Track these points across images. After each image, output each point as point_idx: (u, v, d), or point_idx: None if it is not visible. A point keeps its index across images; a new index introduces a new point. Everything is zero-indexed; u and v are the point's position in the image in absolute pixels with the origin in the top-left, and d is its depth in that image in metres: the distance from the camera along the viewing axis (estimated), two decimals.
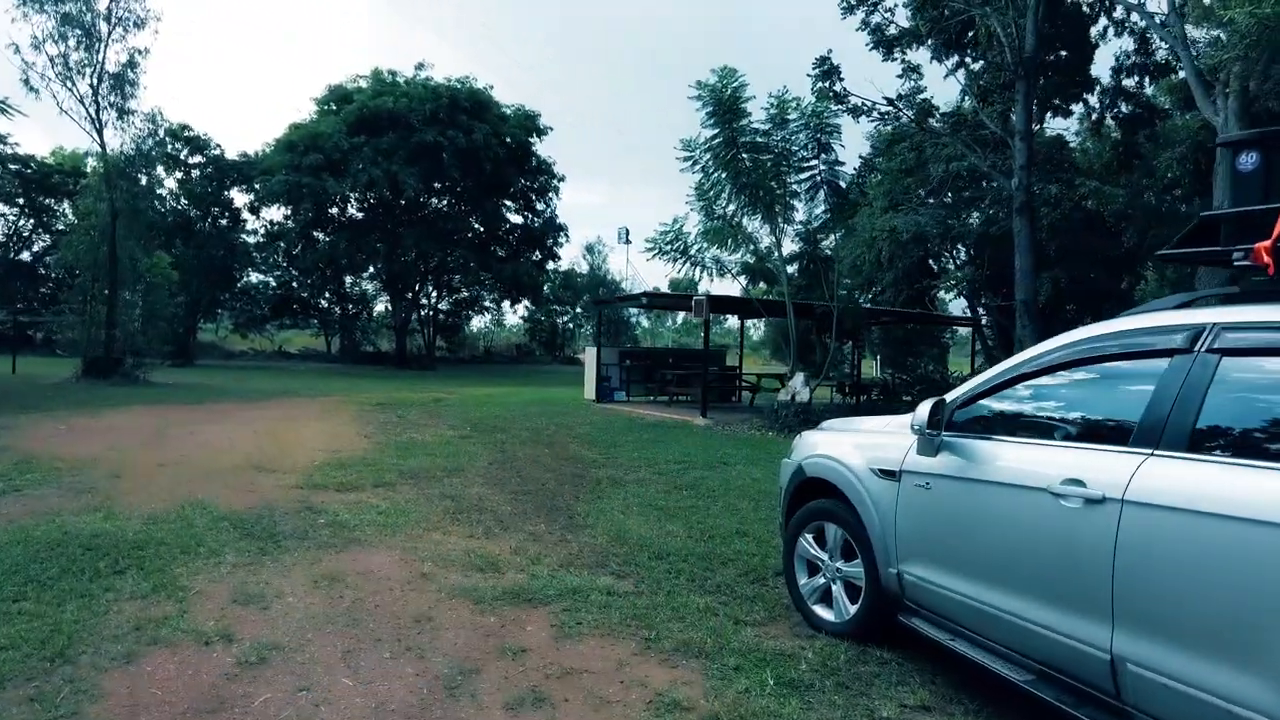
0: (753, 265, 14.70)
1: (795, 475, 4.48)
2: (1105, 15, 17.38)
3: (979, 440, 3.36)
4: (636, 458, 9.92)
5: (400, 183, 30.75)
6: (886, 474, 3.77)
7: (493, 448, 10.44)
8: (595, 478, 8.45)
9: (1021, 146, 15.04)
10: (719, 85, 12.79)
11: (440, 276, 39.76)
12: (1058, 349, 3.18)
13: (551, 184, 38.24)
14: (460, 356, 45.76)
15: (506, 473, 8.58)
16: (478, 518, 6.35)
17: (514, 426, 12.91)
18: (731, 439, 11.96)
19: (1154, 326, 2.87)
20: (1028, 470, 3.04)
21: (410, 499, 6.96)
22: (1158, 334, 2.82)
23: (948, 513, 3.43)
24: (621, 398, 18.45)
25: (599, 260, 52.30)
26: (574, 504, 7.05)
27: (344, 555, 5.15)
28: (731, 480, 8.49)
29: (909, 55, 18.24)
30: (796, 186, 13.92)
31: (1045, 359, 3.21)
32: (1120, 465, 2.65)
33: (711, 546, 5.70)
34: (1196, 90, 14.09)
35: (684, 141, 13.39)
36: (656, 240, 13.95)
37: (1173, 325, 2.78)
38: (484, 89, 34.12)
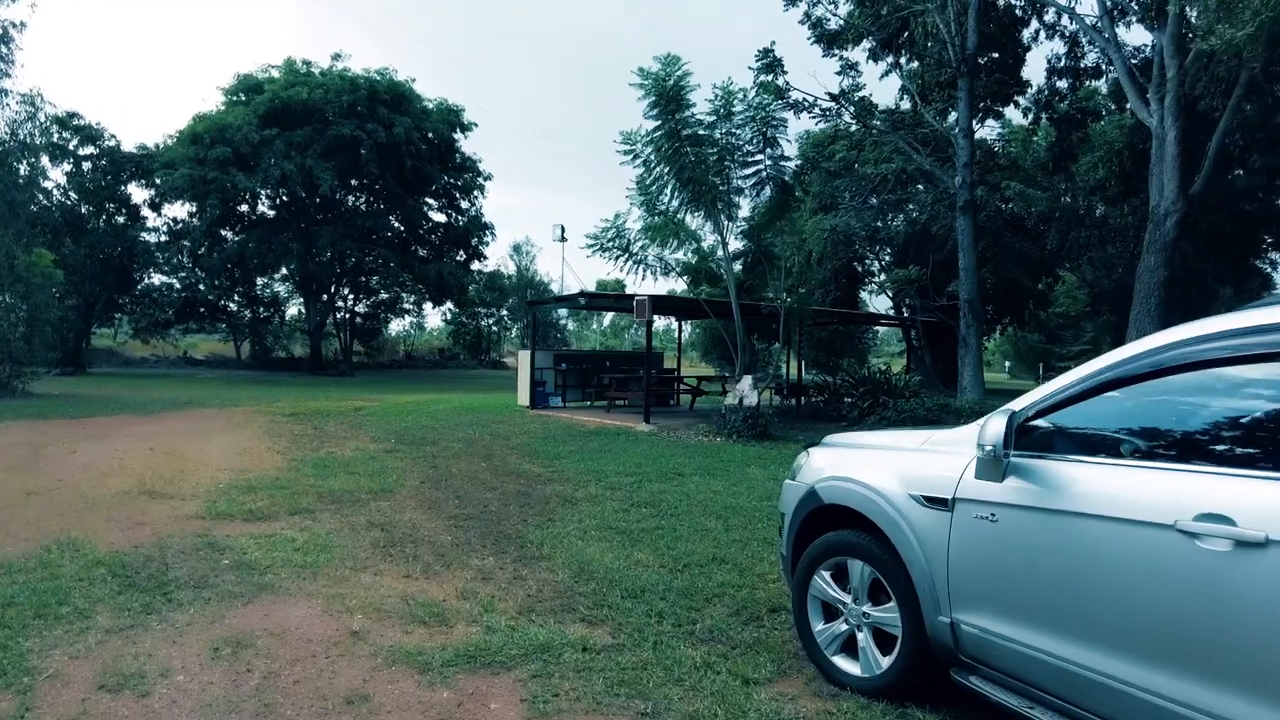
0: (694, 265, 14.07)
1: (806, 501, 3.78)
2: (1037, 18, 17.51)
3: (1063, 462, 2.72)
4: (584, 470, 9.12)
5: (315, 178, 29.02)
6: (934, 502, 3.11)
7: (423, 463, 9.46)
8: (542, 495, 7.62)
9: (964, 144, 14.90)
10: (662, 74, 12.11)
11: (358, 277, 37.95)
12: (1166, 348, 2.55)
13: (477, 182, 36.91)
14: (379, 361, 43.88)
15: (442, 493, 7.66)
16: (414, 551, 5.45)
17: (444, 438, 11.92)
18: (680, 447, 11.27)
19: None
20: (1142, 502, 2.41)
21: (333, 529, 5.99)
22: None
23: (1025, 552, 2.78)
24: (557, 403, 17.58)
25: (527, 261, 51.09)
26: (523, 529, 6.21)
27: (253, 609, 4.20)
28: (692, 495, 7.78)
29: (847, 53, 17.99)
30: (741, 182, 13.36)
31: (1148, 361, 2.58)
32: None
33: (690, 579, 4.97)
34: (1129, 91, 14.20)
35: (624, 134, 12.67)
36: (598, 237, 13.17)
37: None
38: (405, 82, 32.62)
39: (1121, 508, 2.46)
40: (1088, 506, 2.56)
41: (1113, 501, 2.49)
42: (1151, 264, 12.97)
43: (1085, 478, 2.62)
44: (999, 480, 2.85)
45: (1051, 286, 33.16)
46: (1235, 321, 2.42)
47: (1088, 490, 2.58)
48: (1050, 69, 17.99)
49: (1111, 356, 2.71)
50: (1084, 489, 2.59)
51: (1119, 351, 2.71)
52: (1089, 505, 2.56)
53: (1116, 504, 2.48)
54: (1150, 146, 13.88)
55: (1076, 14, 15.75)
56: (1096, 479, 2.58)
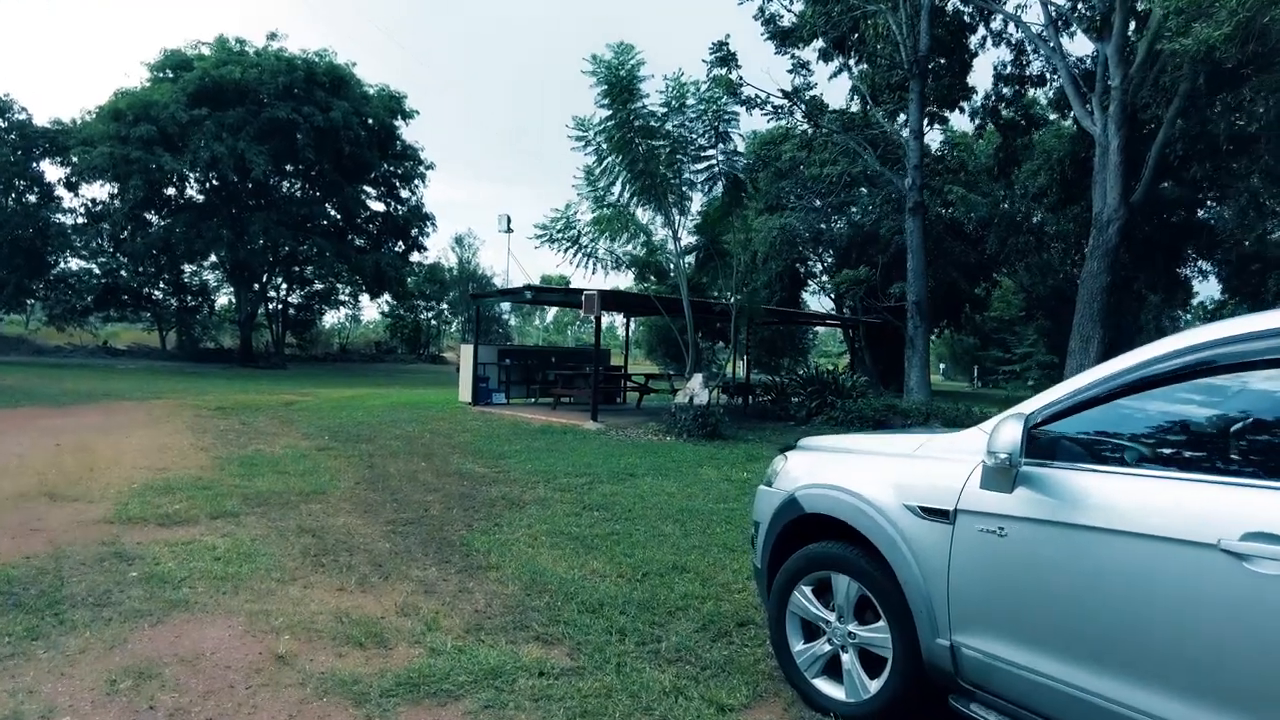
0: (645, 259, 13.75)
1: (785, 510, 3.48)
2: (984, 25, 17.71)
3: (1083, 472, 2.47)
4: (531, 470, 8.71)
5: (248, 162, 27.65)
6: (932, 514, 2.84)
7: (359, 462, 8.92)
8: (487, 498, 7.19)
9: (914, 146, 14.93)
10: (615, 62, 11.76)
11: (292, 267, 36.46)
12: (1207, 345, 2.31)
13: (418, 170, 35.81)
14: (313, 354, 42.38)
15: (379, 494, 7.16)
16: (348, 560, 4.99)
17: (382, 435, 11.35)
18: (630, 446, 10.95)
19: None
20: (1178, 518, 2.17)
21: (259, 535, 5.47)
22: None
23: (1038, 570, 2.52)
24: (501, 400, 17.06)
25: (469, 253, 50.03)
26: (468, 535, 5.79)
27: (162, 630, 3.71)
28: (645, 496, 7.45)
29: (799, 52, 17.91)
30: (693, 176, 13.09)
31: (1185, 359, 2.34)
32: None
33: (651, 590, 4.64)
34: (1074, 100, 14.42)
35: (578, 119, 12.26)
36: (547, 227, 12.73)
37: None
38: (345, 65, 31.39)
39: (1153, 524, 2.22)
40: (1112, 522, 2.31)
41: (1142, 517, 2.25)
42: (1095, 269, 13.18)
43: (1109, 490, 2.37)
44: (1008, 491, 2.60)
45: (989, 291, 33.91)
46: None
47: (1112, 504, 2.34)
48: (997, 75, 18.25)
49: (1140, 354, 2.47)
50: (1108, 502, 2.35)
51: (1149, 349, 2.46)
52: (1114, 521, 2.31)
53: (1147, 520, 2.24)
54: (1092, 155, 14.12)
55: (1023, 22, 15.96)
56: (1122, 492, 2.34)
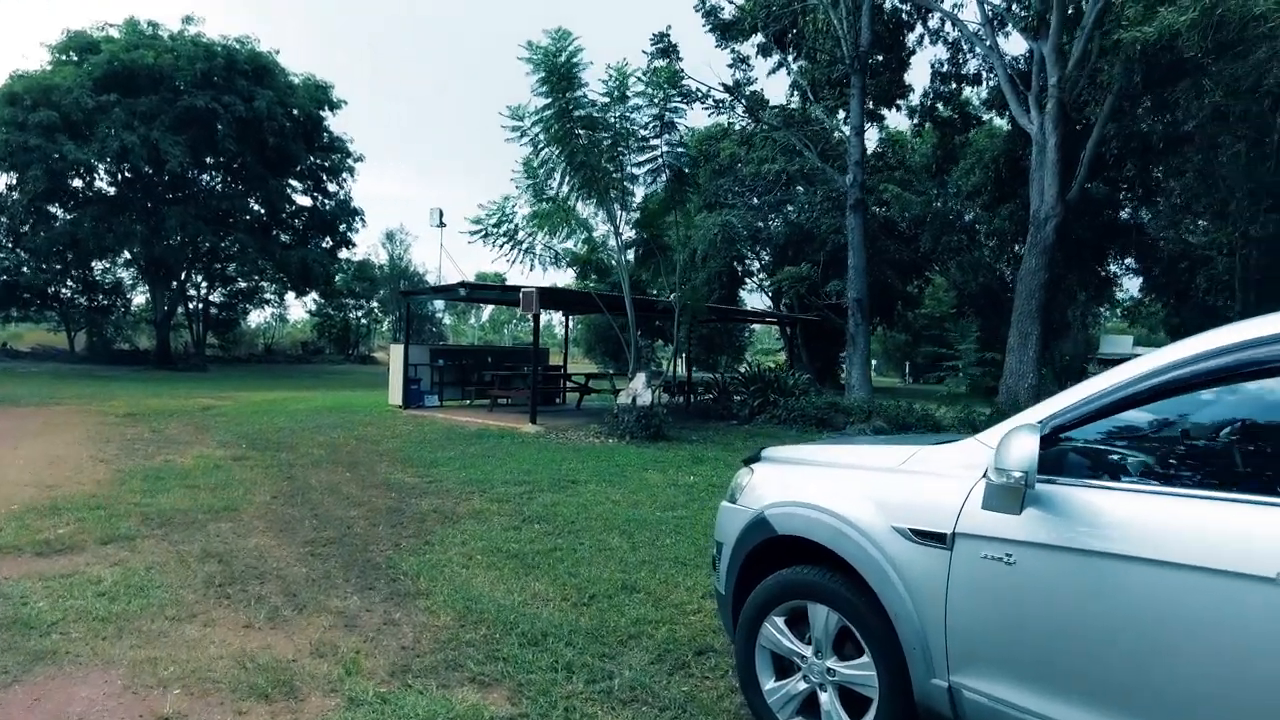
0: (585, 255, 13.30)
1: (753, 531, 3.10)
2: (922, 23, 17.81)
3: (1104, 490, 2.16)
4: (466, 480, 8.18)
5: (163, 153, 26.11)
6: (926, 537, 2.50)
7: (277, 473, 8.25)
8: (418, 512, 6.66)
9: (855, 142, 14.84)
10: (553, 49, 11.27)
11: (212, 264, 34.76)
12: (1241, 346, 2.01)
13: (345, 163, 34.51)
14: (236, 355, 40.57)
15: (297, 510, 6.56)
16: (258, 590, 4.43)
17: (304, 442, 10.64)
18: (571, 450, 10.49)
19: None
20: (1226, 545, 1.87)
21: (155, 563, 4.85)
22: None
23: (1054, 603, 2.19)
24: (433, 402, 16.38)
25: (400, 250, 48.64)
26: (396, 556, 5.27)
27: (18, 692, 3.12)
28: (589, 506, 7.02)
29: (739, 46, 17.71)
30: (636, 169, 12.70)
31: (1231, 359, 2.03)
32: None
33: (599, 615, 4.22)
34: (1010, 98, 14.54)
35: (512, 109, 11.72)
36: (482, 221, 12.15)
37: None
38: (268, 53, 29.97)
39: (1195, 552, 1.91)
40: (1144, 549, 2.00)
41: (1182, 544, 1.94)
42: (1033, 266, 13.31)
43: (1137, 512, 2.05)
44: (1016, 512, 2.26)
45: (921, 289, 34.51)
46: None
47: (1142, 528, 2.02)
48: (935, 73, 18.39)
49: (1173, 352, 2.15)
50: (1137, 526, 2.03)
51: (1183, 346, 2.15)
52: (1146, 548, 1.99)
53: (1187, 547, 1.92)
54: (1026, 154, 14.27)
55: (959, 20, 16.08)
56: (1154, 514, 2.03)
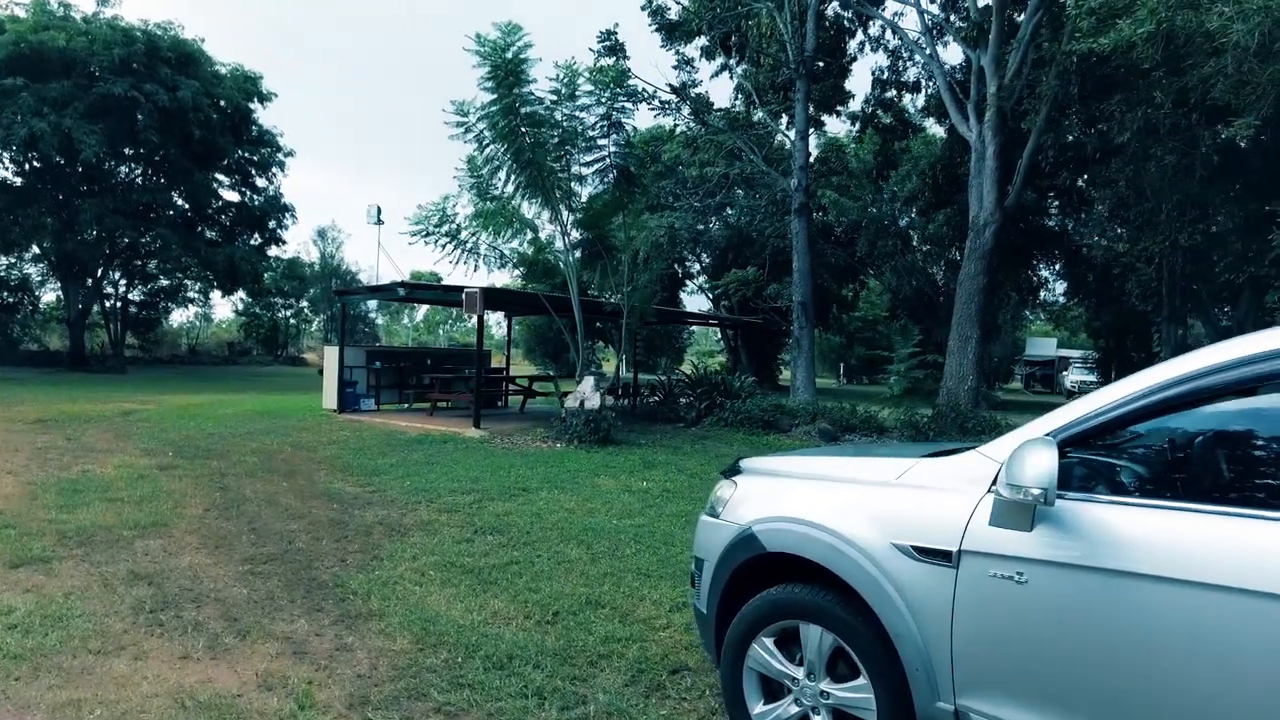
0: (531, 256, 13.02)
1: (739, 547, 2.95)
2: (863, 31, 18.08)
3: (1126, 506, 2.08)
4: (411, 488, 7.85)
5: (76, 142, 24.68)
6: (929, 554, 2.39)
7: (209, 484, 7.77)
8: (363, 524, 6.33)
9: (801, 146, 14.95)
10: (501, 43, 10.98)
11: (132, 261, 33.10)
12: (1269, 357, 1.95)
13: (275, 158, 33.28)
14: (158, 356, 38.76)
15: (234, 524, 6.16)
16: (195, 615, 4.08)
17: (236, 449, 10.10)
18: (519, 455, 10.21)
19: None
20: (1265, 564, 1.80)
21: (76, 588, 4.44)
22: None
23: (1069, 624, 2.10)
24: (370, 406, 15.84)
25: (332, 248, 47.25)
26: (343, 573, 4.96)
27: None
28: (543, 515, 6.80)
29: (684, 48, 17.68)
30: (583, 169, 12.50)
31: (1249, 370, 1.96)
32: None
33: (565, 634, 4.02)
34: (950, 106, 14.84)
35: (457, 104, 11.39)
36: (423, 220, 11.76)
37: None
38: (193, 40, 28.66)
39: (1228, 572, 1.83)
40: (1170, 568, 1.91)
41: (1213, 563, 1.86)
42: (972, 271, 13.60)
43: (1161, 529, 1.97)
44: (1027, 529, 2.17)
45: (857, 292, 35.18)
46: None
47: (1167, 546, 1.94)
48: (875, 80, 18.69)
49: (1202, 358, 2.08)
50: (1161, 543, 1.95)
51: (1215, 351, 2.07)
52: (1171, 566, 1.91)
53: (1219, 566, 1.85)
54: (964, 161, 14.59)
55: (900, 28, 16.37)
56: (1179, 531, 1.95)
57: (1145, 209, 12.35)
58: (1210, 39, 9.04)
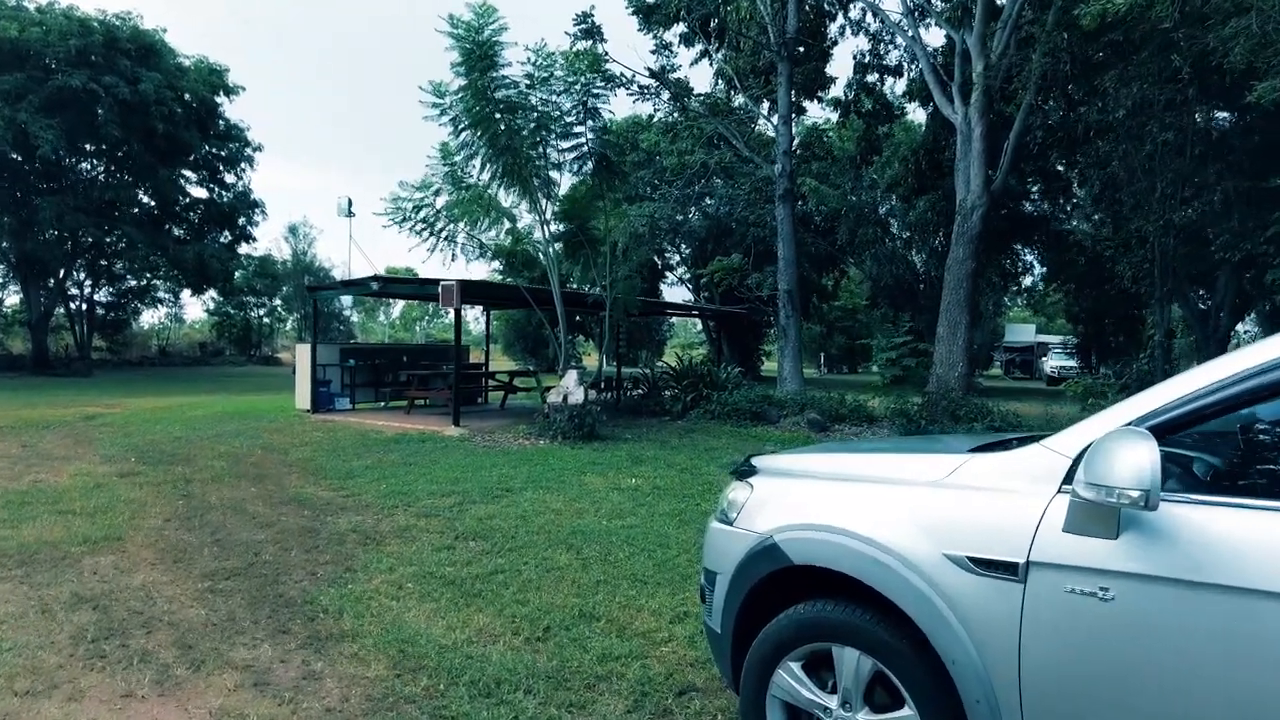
0: (509, 247, 12.59)
1: (759, 559, 2.59)
2: (843, 13, 17.75)
3: (1234, 508, 1.74)
4: (387, 492, 7.43)
5: (32, 137, 23.80)
6: (990, 566, 2.05)
7: (171, 491, 7.31)
8: (336, 532, 5.91)
9: (784, 131, 14.62)
10: (475, 24, 10.53)
11: (97, 260, 32.13)
12: None
13: (244, 153, 32.43)
14: (127, 358, 37.71)
15: (195, 535, 5.72)
16: (143, 643, 3.66)
17: (202, 454, 9.61)
18: (501, 454, 9.81)
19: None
20: None
21: (10, 615, 4.00)
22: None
23: (1170, 648, 1.77)
24: (345, 406, 15.34)
25: (305, 244, 46.35)
26: (313, 588, 4.56)
27: None
28: (528, 517, 6.42)
29: (663, 33, 17.26)
30: (561, 156, 12.08)
31: None
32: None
33: (559, 652, 3.65)
34: (934, 89, 14.56)
35: (434, 84, 10.90)
36: (399, 207, 11.29)
37: None
38: (154, 31, 27.77)
39: None
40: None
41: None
42: (960, 255, 13.36)
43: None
44: (1112, 536, 1.84)
45: (838, 281, 34.98)
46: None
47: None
48: (857, 64, 18.38)
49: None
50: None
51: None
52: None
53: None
54: (949, 145, 14.33)
55: (881, 10, 16.07)
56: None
57: (1138, 188, 12.17)
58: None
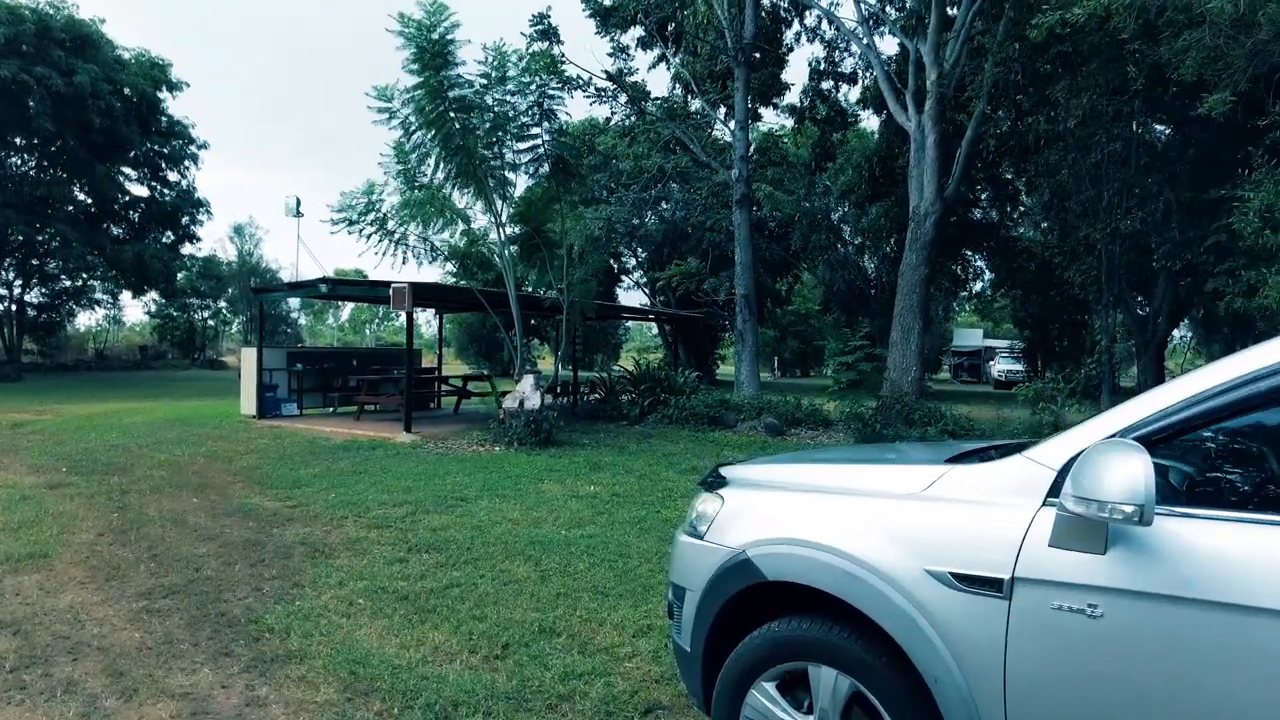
0: (463, 250, 12.35)
1: (731, 575, 2.49)
2: (799, 20, 17.88)
3: (1228, 522, 1.70)
4: (336, 502, 7.18)
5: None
6: (973, 583, 1.98)
7: (106, 503, 6.94)
8: (282, 545, 5.66)
9: (741, 136, 14.65)
10: (427, 22, 10.29)
11: (29, 259, 30.74)
12: None
13: (188, 150, 31.38)
14: (61, 362, 36.15)
15: (130, 550, 5.41)
16: (69, 671, 3.41)
17: (141, 462, 9.19)
18: (455, 461, 9.58)
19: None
20: None
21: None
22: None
23: (1160, 664, 1.71)
24: (293, 411, 14.88)
25: (251, 245, 45.13)
26: (257, 604, 4.33)
27: None
28: (484, 527, 6.24)
29: (620, 36, 17.18)
30: (517, 157, 11.89)
31: None
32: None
33: (519, 671, 3.51)
34: (889, 96, 14.74)
35: (379, 89, 10.63)
36: (349, 206, 10.98)
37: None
38: (90, 21, 26.67)
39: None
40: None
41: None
42: (914, 261, 13.53)
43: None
44: (1100, 550, 1.78)
45: (791, 286, 35.30)
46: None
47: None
48: (813, 71, 18.53)
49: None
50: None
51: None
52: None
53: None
54: (902, 153, 14.50)
55: (837, 18, 16.24)
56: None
57: (1086, 196, 12.46)
58: (1189, 9, 9.10)
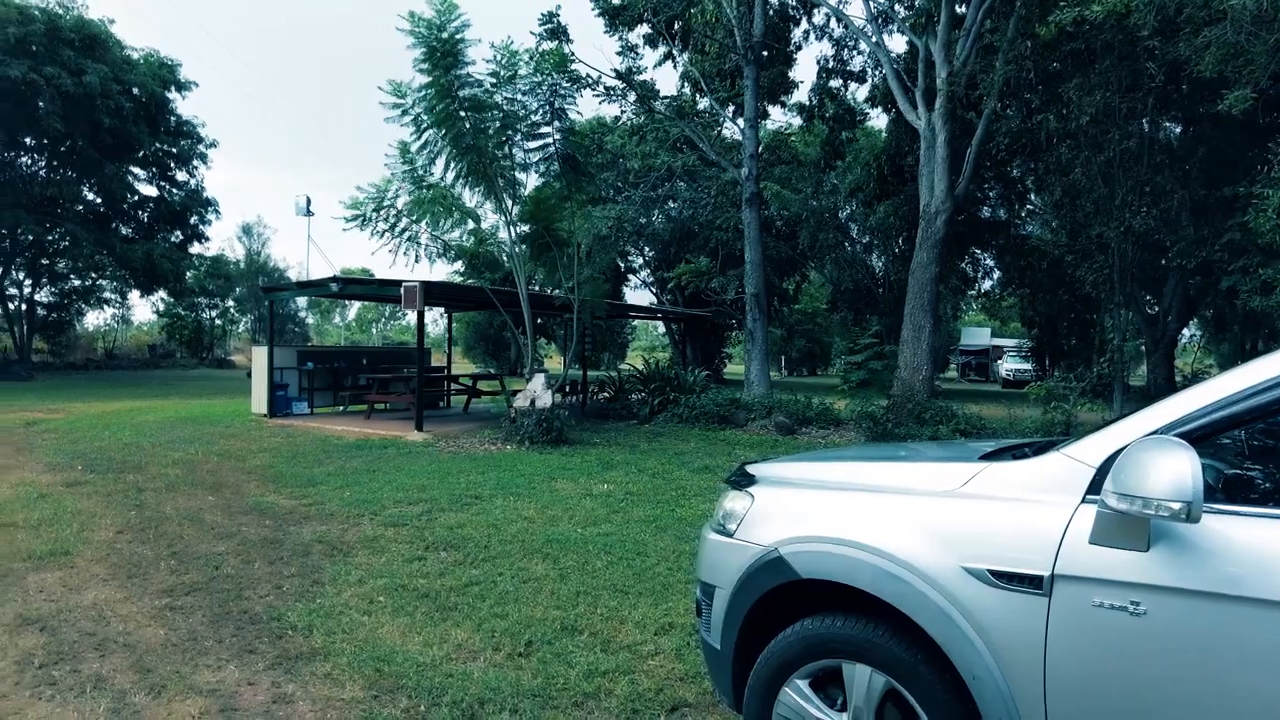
0: (471, 249, 12.35)
1: (763, 573, 2.49)
2: (807, 19, 17.85)
3: (1273, 519, 1.69)
4: (351, 500, 7.19)
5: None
6: (1011, 580, 1.97)
7: (123, 501, 6.97)
8: (300, 543, 5.68)
9: (750, 134, 14.62)
10: (437, 21, 10.30)
11: (38, 259, 30.91)
12: None
13: (197, 149, 31.49)
14: (71, 361, 36.33)
15: (150, 548, 5.44)
16: (97, 668, 3.43)
17: (155, 461, 9.23)
18: (468, 460, 9.59)
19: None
20: None
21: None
22: None
23: (1203, 664, 1.71)
24: (303, 410, 14.92)
25: (259, 244, 45.26)
26: (278, 602, 4.34)
27: None
28: (500, 526, 6.25)
29: (628, 35, 17.18)
30: (527, 156, 11.89)
31: None
32: None
33: (543, 668, 3.51)
34: (898, 94, 14.70)
35: (394, 85, 10.64)
36: (360, 205, 10.99)
37: None
38: (100, 21, 26.79)
39: None
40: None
41: None
42: (924, 260, 13.49)
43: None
44: (1143, 548, 1.77)
45: (799, 285, 35.27)
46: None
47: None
48: (821, 69, 18.49)
49: None
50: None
51: None
52: None
53: None
54: (911, 151, 14.47)
55: (845, 16, 16.19)
56: None
57: (1099, 194, 12.43)
58: (1209, 5, 9.06)
